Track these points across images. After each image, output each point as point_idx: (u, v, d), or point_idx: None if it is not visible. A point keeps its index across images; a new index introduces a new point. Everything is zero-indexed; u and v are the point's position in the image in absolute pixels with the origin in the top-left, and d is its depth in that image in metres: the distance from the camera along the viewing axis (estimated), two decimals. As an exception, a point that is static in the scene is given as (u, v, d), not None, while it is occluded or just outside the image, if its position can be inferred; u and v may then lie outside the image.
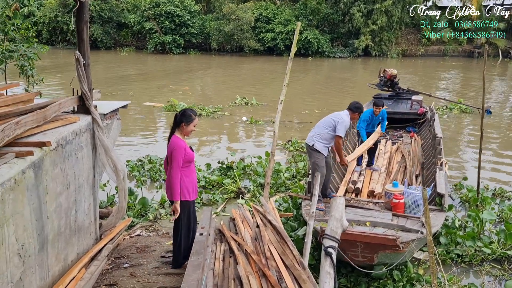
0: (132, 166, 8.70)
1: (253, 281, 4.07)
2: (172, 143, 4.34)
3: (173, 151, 4.30)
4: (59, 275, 4.18)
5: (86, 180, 4.79)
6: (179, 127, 4.40)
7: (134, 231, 5.97)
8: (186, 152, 4.33)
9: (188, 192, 4.44)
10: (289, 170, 8.57)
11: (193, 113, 4.47)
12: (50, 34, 36.45)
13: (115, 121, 5.66)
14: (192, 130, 4.46)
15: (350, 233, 4.58)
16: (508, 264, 5.45)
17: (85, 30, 4.74)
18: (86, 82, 4.79)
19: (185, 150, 4.32)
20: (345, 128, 6.14)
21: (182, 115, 4.41)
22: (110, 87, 18.79)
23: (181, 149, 4.28)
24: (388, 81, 13.05)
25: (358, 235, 4.59)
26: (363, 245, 4.58)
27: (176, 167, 4.28)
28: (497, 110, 15.61)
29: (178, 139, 4.36)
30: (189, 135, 4.52)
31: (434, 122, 9.78)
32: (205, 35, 34.79)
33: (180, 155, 4.27)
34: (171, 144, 4.35)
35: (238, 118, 13.58)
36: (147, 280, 4.48)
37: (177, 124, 4.41)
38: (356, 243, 4.58)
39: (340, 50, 33.61)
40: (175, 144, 4.32)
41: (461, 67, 28.94)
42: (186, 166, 4.38)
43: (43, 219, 3.76)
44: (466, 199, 7.35)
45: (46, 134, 4.03)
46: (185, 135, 4.48)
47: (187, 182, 4.42)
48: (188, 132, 4.45)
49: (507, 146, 11.31)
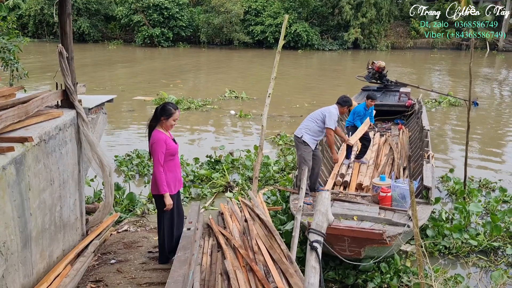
0: (120, 161, 8.62)
1: (240, 275, 4.06)
2: (152, 137, 4.30)
3: (153, 144, 4.26)
4: (44, 272, 4.13)
5: (71, 175, 4.72)
6: (159, 121, 4.35)
7: (122, 227, 5.92)
8: (168, 145, 4.28)
9: (169, 186, 4.40)
10: (277, 164, 8.56)
11: (173, 107, 4.39)
12: (36, 27, 35.95)
13: (101, 116, 5.58)
14: (172, 124, 4.39)
15: (338, 228, 4.58)
16: (494, 256, 5.50)
17: (67, 22, 4.65)
18: (70, 76, 4.71)
19: (165, 143, 4.26)
20: (334, 121, 6.15)
21: (162, 110, 4.35)
22: (98, 81, 18.59)
23: (161, 142, 4.23)
24: (376, 73, 13.10)
25: (345, 230, 4.59)
26: (350, 240, 4.58)
27: (157, 161, 4.24)
28: (484, 102, 15.74)
29: (158, 133, 4.31)
30: (169, 129, 4.46)
31: (422, 115, 9.83)
32: (194, 28, 34.53)
33: (160, 148, 4.22)
34: (151, 138, 4.31)
35: (227, 112, 13.52)
36: (134, 276, 4.45)
37: (157, 117, 4.35)
38: (343, 237, 4.57)
39: (330, 43, 33.60)
40: (154, 137, 4.27)
41: (449, 59, 29.12)
42: (169, 159, 4.33)
43: (25, 216, 3.69)
44: (453, 191, 7.41)
45: (28, 129, 3.96)
46: (166, 129, 4.43)
47: (169, 175, 4.38)
48: (168, 127, 4.40)
49: (493, 138, 11.42)
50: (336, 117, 6.23)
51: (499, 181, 7.91)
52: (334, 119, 6.17)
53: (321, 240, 2.63)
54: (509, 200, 7.09)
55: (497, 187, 7.66)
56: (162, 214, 4.48)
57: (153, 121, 4.38)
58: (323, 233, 2.67)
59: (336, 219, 5.08)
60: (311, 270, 2.53)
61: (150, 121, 4.40)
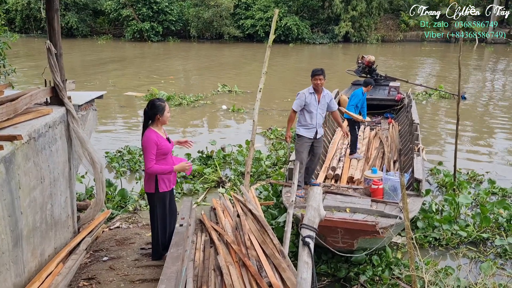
0: (111, 157, 8.58)
1: (233, 271, 4.07)
2: (144, 138, 4.28)
3: (143, 147, 4.25)
4: (35, 271, 4.11)
5: (62, 173, 4.69)
6: (154, 120, 4.32)
7: (114, 223, 5.90)
8: (160, 145, 4.25)
9: (164, 183, 4.39)
10: (269, 158, 8.58)
11: (162, 101, 4.36)
12: (24, 22, 35.44)
13: (91, 112, 5.54)
14: (168, 118, 4.39)
15: (331, 220, 4.63)
16: (483, 247, 5.58)
17: (55, 18, 4.60)
18: (58, 72, 4.66)
19: (157, 143, 4.23)
20: (297, 101, 6.05)
21: (153, 108, 4.29)
22: (88, 77, 18.41)
23: (151, 143, 4.20)
24: (366, 67, 13.18)
25: (339, 221, 4.64)
26: (344, 231, 4.64)
27: (148, 161, 4.21)
28: (473, 95, 15.88)
29: (150, 133, 4.27)
30: (166, 123, 4.44)
31: (411, 108, 9.91)
32: (184, 22, 34.30)
33: (150, 149, 4.20)
34: (143, 139, 4.29)
35: (219, 107, 13.49)
36: (127, 273, 4.44)
37: (151, 117, 4.32)
38: (337, 229, 4.63)
39: (320, 36, 33.56)
40: (146, 138, 4.25)
41: (439, 52, 29.28)
42: (161, 158, 4.32)
43: (16, 215, 3.67)
44: (443, 184, 7.48)
45: (17, 127, 3.92)
46: (162, 125, 4.41)
47: (164, 174, 4.37)
48: (165, 122, 4.38)
49: (482, 130, 11.52)
50: (300, 97, 6.02)
51: (486, 173, 8.00)
52: (297, 100, 6.06)
53: (313, 235, 2.64)
54: (497, 191, 7.19)
55: (484, 179, 7.75)
56: (155, 211, 4.47)
57: (146, 122, 4.35)
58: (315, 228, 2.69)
59: (329, 211, 5.14)
60: (304, 265, 2.55)
61: (144, 123, 4.37)
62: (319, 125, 6.09)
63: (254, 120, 6.80)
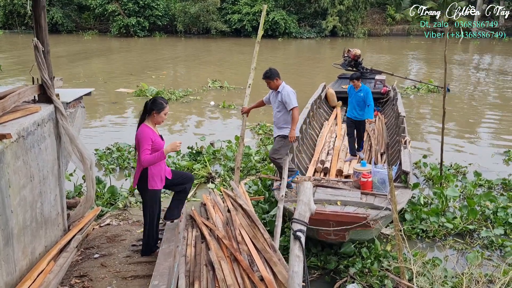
0: (100, 154, 8.54)
1: (225, 265, 4.11)
2: (139, 132, 4.28)
3: (139, 139, 4.25)
4: (26, 269, 4.09)
5: (51, 171, 4.67)
6: (150, 115, 4.33)
7: (104, 221, 5.89)
8: (154, 142, 4.27)
9: (155, 182, 4.41)
10: (259, 154, 8.61)
11: (164, 101, 4.39)
12: (7, 17, 34.90)
13: (79, 109, 5.51)
14: (163, 118, 4.40)
15: (323, 213, 4.74)
16: (470, 238, 5.69)
17: (42, 16, 4.56)
18: (46, 70, 4.62)
19: (152, 139, 4.25)
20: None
21: (153, 103, 4.32)
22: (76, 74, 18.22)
23: (147, 139, 4.22)
24: (352, 61, 13.30)
25: (331, 214, 4.74)
26: (336, 224, 4.73)
27: (144, 153, 4.22)
28: (458, 88, 16.08)
29: (145, 128, 4.29)
30: (160, 124, 4.46)
31: (397, 101, 10.02)
32: (170, 17, 34.09)
33: (146, 142, 4.21)
34: (138, 133, 4.29)
35: (208, 103, 13.47)
36: (119, 269, 4.45)
37: (148, 112, 4.33)
38: (329, 222, 4.72)
39: (307, 30, 33.65)
40: (141, 132, 4.26)
41: (425, 46, 29.55)
42: None
43: (6, 214, 3.65)
44: (430, 177, 7.59)
45: (5, 126, 3.89)
46: (156, 124, 4.42)
47: (155, 171, 4.38)
48: (159, 121, 4.40)
49: (465, 123, 11.70)
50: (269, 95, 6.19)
51: (469, 165, 8.13)
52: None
53: (304, 230, 2.69)
54: (483, 184, 7.32)
55: (468, 171, 7.89)
56: (147, 208, 4.49)
57: (143, 115, 4.35)
58: (306, 222, 2.73)
59: (320, 205, 5.22)
60: (295, 259, 2.60)
61: (141, 117, 4.37)
62: (276, 123, 6.01)
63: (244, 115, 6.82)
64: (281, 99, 5.83)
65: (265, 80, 5.94)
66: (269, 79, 5.87)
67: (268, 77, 5.87)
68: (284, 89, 5.88)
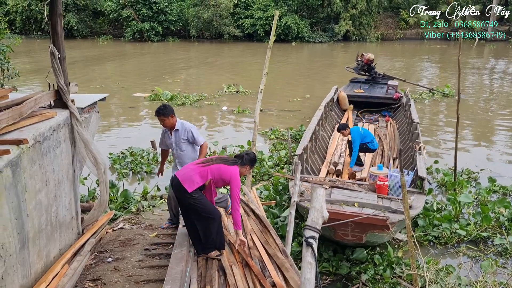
0: (114, 159, 8.63)
1: (237, 271, 4.12)
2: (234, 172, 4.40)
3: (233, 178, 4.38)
4: (41, 272, 4.16)
5: (66, 175, 4.74)
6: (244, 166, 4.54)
7: (117, 224, 5.95)
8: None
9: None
10: (271, 159, 8.62)
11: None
12: (24, 23, 35.46)
13: (94, 114, 5.59)
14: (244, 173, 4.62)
15: (343, 213, 4.75)
16: (483, 245, 5.62)
17: (59, 23, 4.64)
18: (62, 76, 4.70)
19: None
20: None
21: (253, 161, 4.59)
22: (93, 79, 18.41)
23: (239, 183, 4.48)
24: (365, 65, 13.29)
25: (350, 215, 4.74)
26: (354, 225, 4.74)
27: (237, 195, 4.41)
28: (472, 93, 15.91)
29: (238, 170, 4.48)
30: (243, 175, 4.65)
31: (410, 107, 10.00)
32: (184, 22, 34.33)
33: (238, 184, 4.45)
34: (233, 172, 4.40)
35: (226, 107, 13.50)
36: (131, 273, 4.49)
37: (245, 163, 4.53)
38: (347, 222, 4.72)
39: (320, 35, 33.59)
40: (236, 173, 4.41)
41: (438, 50, 29.30)
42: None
43: (22, 217, 3.72)
44: (443, 183, 7.52)
45: (22, 131, 3.97)
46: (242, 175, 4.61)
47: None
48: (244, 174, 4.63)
49: (477, 128, 11.56)
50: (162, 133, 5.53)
51: (481, 171, 8.03)
52: None
53: (317, 237, 2.70)
54: (498, 189, 7.23)
55: (479, 176, 7.80)
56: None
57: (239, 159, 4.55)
58: (318, 229, 2.74)
59: (337, 205, 5.27)
60: (307, 265, 2.60)
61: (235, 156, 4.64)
62: (180, 163, 5.29)
63: (256, 120, 6.86)
64: (186, 137, 5.23)
65: (158, 117, 5.17)
66: (163, 117, 5.12)
67: (163, 114, 5.11)
68: (184, 125, 5.25)
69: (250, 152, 4.68)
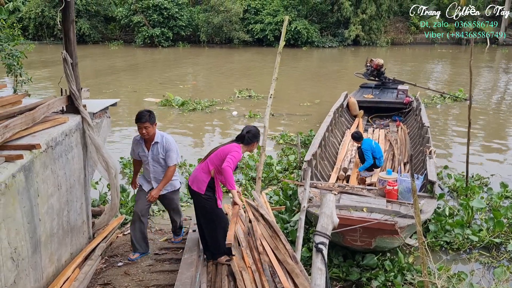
0: (124, 163, 8.68)
1: (246, 276, 4.11)
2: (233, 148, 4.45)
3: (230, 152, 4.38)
4: (53, 276, 4.20)
5: (78, 180, 4.79)
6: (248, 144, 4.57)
7: (127, 229, 5.96)
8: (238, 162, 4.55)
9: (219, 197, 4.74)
10: (280, 164, 8.62)
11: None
12: (37, 29, 35.94)
13: (105, 120, 5.64)
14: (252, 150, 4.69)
15: (351, 218, 4.74)
16: (496, 252, 5.55)
17: (71, 29, 4.71)
18: (74, 81, 4.76)
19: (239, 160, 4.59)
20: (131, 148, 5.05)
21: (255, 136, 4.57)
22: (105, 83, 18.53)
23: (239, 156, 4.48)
24: (374, 70, 13.25)
25: (358, 220, 4.72)
26: (363, 230, 4.72)
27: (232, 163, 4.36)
28: (484, 98, 15.76)
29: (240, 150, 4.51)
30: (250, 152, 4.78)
31: (421, 112, 9.95)
32: (194, 28, 34.53)
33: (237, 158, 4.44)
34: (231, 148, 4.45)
35: (236, 112, 13.53)
36: (142, 278, 4.51)
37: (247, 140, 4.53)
38: (356, 227, 4.69)
39: (330, 40, 33.56)
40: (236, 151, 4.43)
41: (449, 54, 29.09)
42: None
43: (35, 222, 3.76)
44: (454, 189, 7.45)
45: (35, 136, 4.02)
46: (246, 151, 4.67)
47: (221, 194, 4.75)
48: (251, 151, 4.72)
49: (488, 133, 11.44)
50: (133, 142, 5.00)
51: (491, 176, 7.94)
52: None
53: (327, 243, 2.68)
54: (510, 195, 7.14)
55: (490, 181, 7.72)
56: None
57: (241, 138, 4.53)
58: (328, 235, 2.72)
59: (346, 211, 5.25)
60: (317, 272, 2.58)
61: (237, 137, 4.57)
62: (155, 179, 4.84)
63: (265, 125, 6.86)
64: (164, 151, 4.75)
65: (142, 124, 4.59)
66: (149, 123, 4.61)
67: (148, 121, 4.60)
68: (165, 138, 4.78)
69: (250, 127, 4.57)
